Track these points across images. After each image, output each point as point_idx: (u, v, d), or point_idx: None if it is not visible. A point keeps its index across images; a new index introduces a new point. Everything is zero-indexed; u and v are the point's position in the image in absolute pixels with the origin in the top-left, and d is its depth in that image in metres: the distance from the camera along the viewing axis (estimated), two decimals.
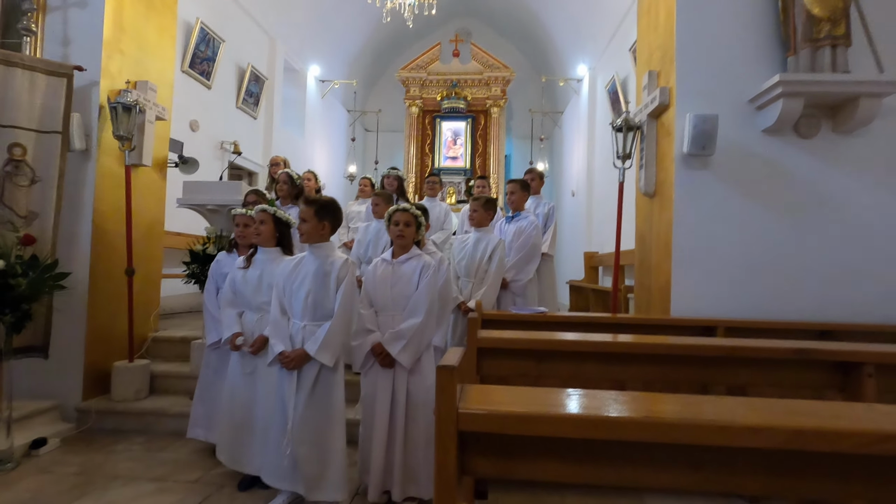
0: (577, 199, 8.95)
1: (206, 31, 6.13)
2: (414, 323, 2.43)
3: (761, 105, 3.19)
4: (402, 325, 2.45)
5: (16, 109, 3.24)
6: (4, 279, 2.83)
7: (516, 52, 11.10)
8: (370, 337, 2.49)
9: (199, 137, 6.19)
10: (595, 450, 1.02)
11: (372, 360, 2.49)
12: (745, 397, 1.09)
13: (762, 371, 2.00)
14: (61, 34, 3.59)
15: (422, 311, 2.45)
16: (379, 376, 2.48)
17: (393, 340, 2.43)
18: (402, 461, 2.38)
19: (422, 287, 2.49)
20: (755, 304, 3.17)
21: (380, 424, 2.41)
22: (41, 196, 3.30)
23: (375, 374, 2.50)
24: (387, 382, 2.46)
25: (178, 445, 3.20)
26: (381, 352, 2.44)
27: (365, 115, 11.17)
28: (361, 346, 2.49)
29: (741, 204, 3.23)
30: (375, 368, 2.50)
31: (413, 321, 2.44)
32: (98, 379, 3.60)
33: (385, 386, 2.46)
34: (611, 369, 2.03)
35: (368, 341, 2.48)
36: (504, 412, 0.95)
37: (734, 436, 0.89)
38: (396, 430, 2.41)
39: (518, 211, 3.86)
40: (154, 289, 4.26)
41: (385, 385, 2.46)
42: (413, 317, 2.46)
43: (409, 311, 2.49)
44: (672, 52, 3.32)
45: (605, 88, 7.52)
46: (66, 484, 2.65)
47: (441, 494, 0.93)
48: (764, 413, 0.96)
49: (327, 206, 2.46)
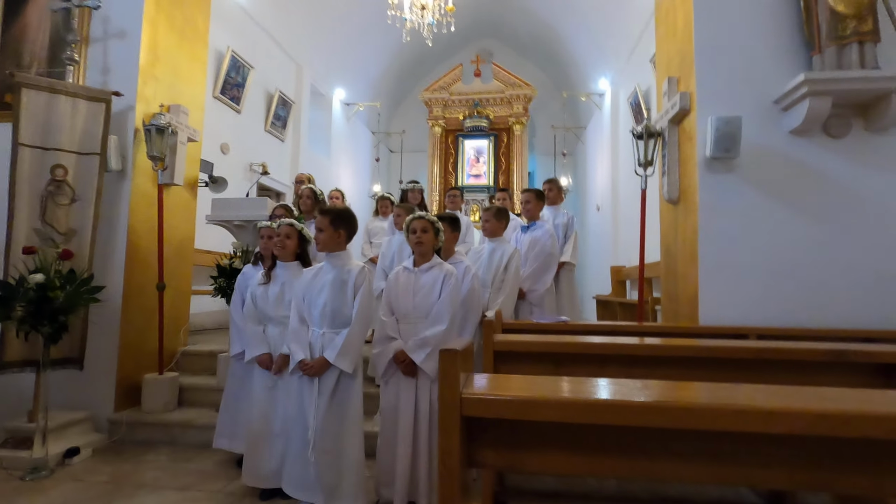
0: (603, 213, 8.83)
1: (237, 59, 6.42)
2: (439, 330, 2.41)
3: (787, 106, 3.11)
4: (427, 333, 2.43)
5: (59, 133, 3.44)
6: (43, 292, 2.97)
7: (537, 70, 11.18)
8: (392, 344, 2.48)
9: (229, 159, 6.43)
10: (608, 440, 0.98)
11: (394, 368, 2.48)
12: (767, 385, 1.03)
13: (796, 375, 1.89)
14: (101, 63, 3.83)
15: (446, 319, 2.44)
16: (401, 386, 2.46)
17: (417, 348, 2.41)
18: (427, 472, 2.34)
19: (444, 295, 2.48)
20: (787, 312, 3.03)
21: (403, 435, 2.38)
22: (80, 214, 3.48)
23: (397, 383, 2.48)
24: (409, 392, 2.44)
25: (204, 456, 3.24)
26: (403, 359, 2.43)
27: (389, 136, 11.39)
28: (383, 354, 2.49)
29: (769, 207, 3.12)
30: (397, 378, 2.49)
31: (438, 328, 2.42)
32: (129, 390, 3.70)
33: (408, 395, 2.44)
34: (634, 373, 1.95)
35: (391, 348, 2.47)
36: (508, 396, 0.92)
37: (752, 420, 0.84)
38: (420, 441, 2.38)
39: (533, 220, 3.83)
40: (184, 304, 4.38)
41: (408, 395, 2.44)
42: (437, 324, 2.44)
43: (433, 319, 2.47)
44: (691, 56, 3.29)
45: (627, 101, 7.47)
46: (95, 492, 2.71)
47: (445, 483, 0.91)
48: (785, 397, 0.90)
49: (342, 215, 2.51)
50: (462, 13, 7.60)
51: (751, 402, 0.86)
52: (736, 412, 0.84)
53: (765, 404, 0.85)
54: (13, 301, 2.94)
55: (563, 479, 2.82)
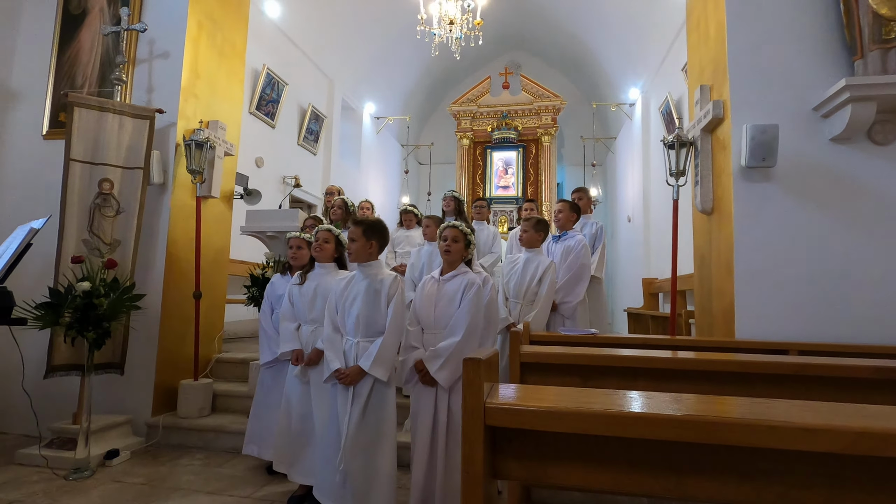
0: (634, 224, 8.67)
1: (272, 76, 6.66)
2: (452, 342, 2.40)
3: (827, 113, 3.00)
4: (441, 344, 2.42)
5: (107, 149, 3.64)
6: (89, 299, 3.12)
7: (566, 81, 11.15)
8: (413, 354, 2.50)
9: (263, 172, 6.64)
10: (636, 455, 0.96)
11: (415, 376, 2.49)
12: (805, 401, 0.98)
13: (840, 394, 1.80)
14: (146, 82, 4.04)
15: (460, 331, 2.41)
16: (421, 395, 2.47)
17: (431, 359, 2.41)
18: (443, 482, 2.33)
19: (463, 305, 2.47)
20: (830, 327, 2.89)
21: (421, 444, 2.38)
22: (124, 225, 3.65)
23: (419, 392, 2.49)
24: (429, 402, 2.44)
25: (236, 462, 3.31)
26: (422, 369, 2.44)
27: (418, 148, 11.54)
28: (406, 362, 2.51)
29: (809, 217, 3.00)
30: (418, 388, 2.50)
31: (451, 340, 2.41)
32: (166, 395, 3.82)
33: (427, 405, 2.44)
34: (665, 388, 1.90)
35: (411, 358, 2.49)
36: (533, 406, 0.92)
37: (788, 437, 0.80)
38: (438, 450, 2.37)
39: (565, 230, 3.79)
40: (218, 313, 4.52)
41: (427, 404, 2.44)
42: (452, 336, 2.42)
43: (450, 330, 2.46)
44: (724, 63, 3.22)
45: (658, 111, 7.36)
46: (132, 493, 2.80)
47: (468, 491, 0.90)
48: (824, 414, 0.86)
49: (374, 225, 2.55)
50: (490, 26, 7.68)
51: (788, 418, 0.82)
52: (771, 428, 0.81)
53: (803, 420, 0.81)
54: (62, 307, 3.10)
55: (591, 496, 2.75)
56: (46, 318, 3.07)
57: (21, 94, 4.25)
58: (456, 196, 4.61)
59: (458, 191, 10.19)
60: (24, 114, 4.20)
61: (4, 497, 2.70)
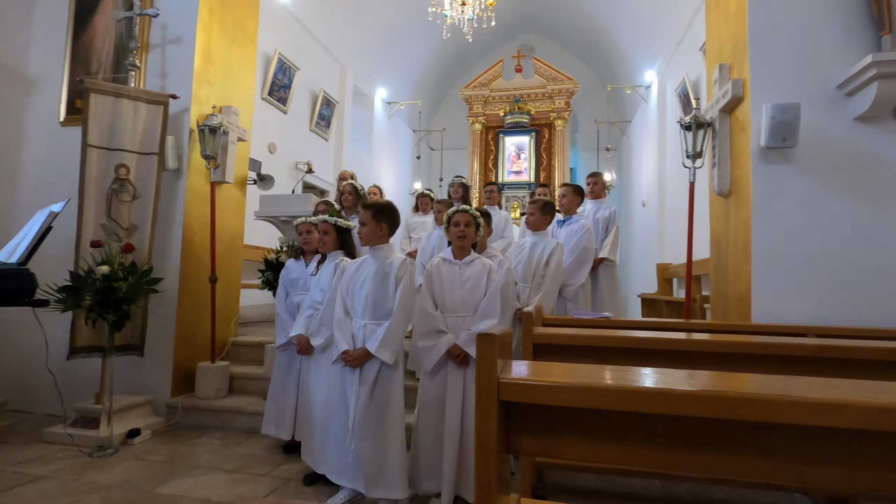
0: (649, 209, 8.55)
1: (283, 61, 6.64)
2: (492, 324, 2.42)
3: (852, 91, 2.91)
4: (481, 326, 2.43)
5: (122, 134, 3.67)
6: (109, 282, 3.18)
7: (580, 64, 10.96)
8: (444, 339, 2.47)
9: (276, 159, 6.67)
10: (648, 431, 0.96)
11: (444, 361, 2.49)
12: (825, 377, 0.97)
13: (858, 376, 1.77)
14: (160, 67, 4.06)
15: (496, 314, 2.45)
16: (449, 379, 2.47)
17: (472, 342, 2.40)
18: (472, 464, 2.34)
19: (493, 288, 2.50)
20: (850, 311, 2.84)
21: (451, 427, 2.39)
22: (141, 210, 3.70)
23: (444, 376, 2.49)
24: (458, 385, 2.44)
25: (253, 441, 3.38)
26: (459, 353, 2.44)
27: (429, 133, 11.48)
28: (435, 348, 2.47)
29: (830, 198, 2.93)
30: (444, 371, 2.49)
31: (490, 322, 2.43)
32: (184, 377, 3.91)
33: (456, 389, 2.44)
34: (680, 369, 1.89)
35: (443, 343, 2.46)
36: (547, 381, 0.91)
37: (806, 412, 0.79)
38: (467, 431, 2.38)
39: (569, 215, 3.76)
40: (234, 297, 4.58)
41: (456, 388, 2.44)
42: (490, 318, 2.45)
43: (484, 313, 2.47)
44: (744, 41, 3.13)
45: (675, 92, 7.20)
46: (153, 470, 2.88)
47: (482, 465, 0.91)
48: (844, 390, 0.85)
49: (384, 208, 2.55)
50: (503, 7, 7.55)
51: (807, 394, 0.81)
52: (790, 403, 0.80)
53: (821, 396, 0.80)
54: (83, 291, 3.17)
55: (603, 478, 2.76)
56: (68, 300, 3.14)
57: (38, 81, 4.30)
58: (464, 182, 4.61)
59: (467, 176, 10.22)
60: (41, 101, 4.26)
61: (33, 472, 2.80)
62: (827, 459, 0.87)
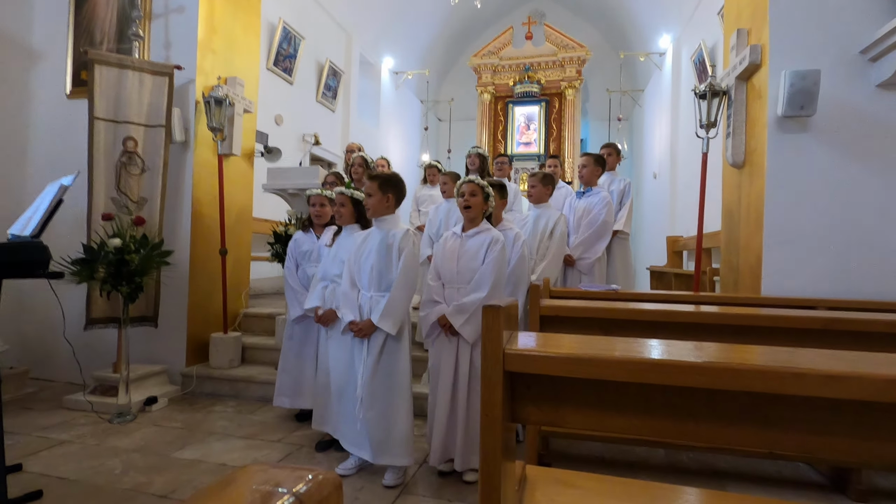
0: (660, 180, 8.42)
1: (288, 30, 6.51)
2: (477, 297, 2.42)
3: (875, 56, 2.80)
4: (466, 299, 2.45)
5: (128, 106, 3.66)
6: (121, 255, 3.23)
7: (592, 30, 10.62)
8: (436, 308, 2.53)
9: (282, 131, 6.61)
10: (653, 402, 0.97)
11: (437, 331, 2.53)
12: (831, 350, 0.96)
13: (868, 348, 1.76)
14: (163, 38, 4.00)
15: (486, 286, 2.44)
16: (443, 348, 2.52)
17: (456, 313, 2.44)
18: (463, 432, 2.40)
19: (487, 261, 2.47)
20: (864, 285, 2.81)
21: (442, 394, 2.45)
22: (150, 183, 3.72)
23: (440, 345, 2.54)
24: (450, 355, 2.49)
25: (265, 410, 3.48)
26: (445, 323, 2.47)
27: (437, 104, 11.29)
28: (428, 317, 2.54)
29: (848, 169, 2.86)
30: (440, 340, 2.54)
31: (476, 295, 2.43)
32: (198, 348, 4.00)
33: (449, 357, 2.49)
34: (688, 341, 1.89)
35: (434, 312, 2.52)
36: (551, 353, 0.92)
37: (811, 384, 0.79)
38: (459, 401, 2.44)
39: (590, 186, 3.71)
40: (244, 269, 4.63)
41: (449, 356, 2.49)
42: (477, 291, 2.45)
43: (474, 286, 2.48)
44: (765, 4, 3.01)
45: (690, 60, 6.98)
46: (171, 436, 2.98)
47: (487, 434, 0.93)
48: (850, 362, 0.85)
49: (390, 179, 2.53)
50: None
51: (814, 366, 0.81)
52: (797, 375, 0.80)
53: (827, 367, 0.80)
54: (96, 263, 3.22)
55: (608, 446, 2.81)
56: (82, 273, 3.19)
57: (43, 53, 4.26)
58: (481, 153, 4.51)
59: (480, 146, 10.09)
60: (47, 73, 4.24)
61: (57, 437, 2.91)
62: (832, 430, 0.87)
